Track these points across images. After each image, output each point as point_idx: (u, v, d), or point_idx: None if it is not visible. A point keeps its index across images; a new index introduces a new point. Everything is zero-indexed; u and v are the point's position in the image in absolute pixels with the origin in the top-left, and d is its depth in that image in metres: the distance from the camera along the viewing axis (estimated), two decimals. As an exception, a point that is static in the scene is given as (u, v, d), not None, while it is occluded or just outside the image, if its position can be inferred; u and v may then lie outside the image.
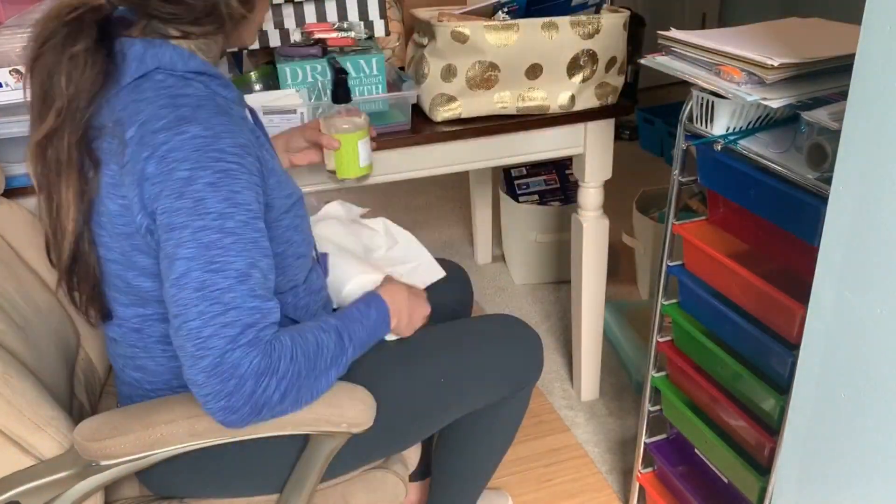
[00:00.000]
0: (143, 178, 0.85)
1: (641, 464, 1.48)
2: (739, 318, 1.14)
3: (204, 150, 0.84)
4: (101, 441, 0.91)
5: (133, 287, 0.94)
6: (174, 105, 0.86)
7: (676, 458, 1.41)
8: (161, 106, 0.86)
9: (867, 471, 0.78)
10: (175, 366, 0.99)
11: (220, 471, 1.04)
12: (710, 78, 1.04)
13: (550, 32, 1.37)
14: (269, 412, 0.87)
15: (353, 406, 0.96)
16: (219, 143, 0.85)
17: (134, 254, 0.91)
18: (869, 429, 0.77)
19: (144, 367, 1.01)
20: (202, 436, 0.92)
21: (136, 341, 0.99)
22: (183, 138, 0.84)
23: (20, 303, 1.07)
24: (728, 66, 1.02)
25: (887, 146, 0.69)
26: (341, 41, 1.44)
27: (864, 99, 0.71)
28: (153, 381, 1.02)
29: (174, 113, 0.85)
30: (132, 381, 1.04)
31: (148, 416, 0.93)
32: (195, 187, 0.83)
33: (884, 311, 0.72)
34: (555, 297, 2.34)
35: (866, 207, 0.72)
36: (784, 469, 0.92)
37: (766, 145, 1.04)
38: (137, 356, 1.01)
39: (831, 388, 0.81)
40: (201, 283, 0.82)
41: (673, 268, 1.28)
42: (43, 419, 0.93)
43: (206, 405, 0.84)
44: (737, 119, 1.07)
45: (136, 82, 0.89)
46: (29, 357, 1.02)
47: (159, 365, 1.00)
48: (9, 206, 1.17)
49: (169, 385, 1.01)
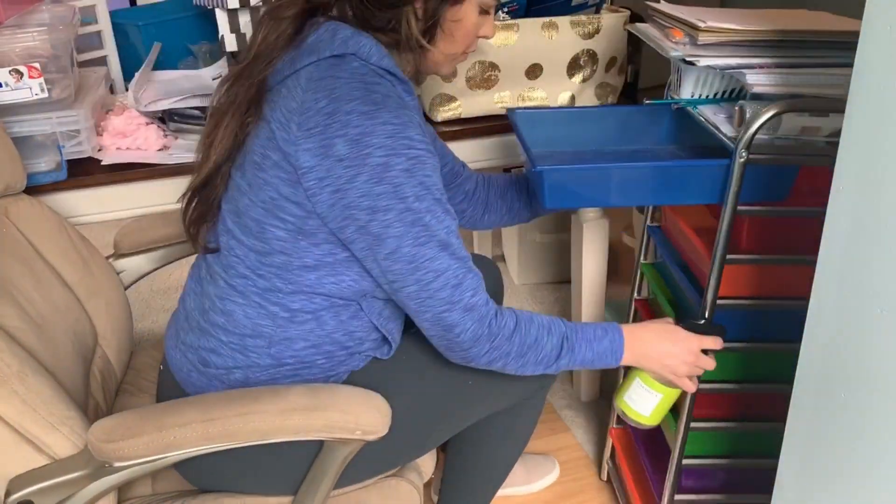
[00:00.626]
0: (329, 154, 0.92)
1: (616, 421, 1.56)
2: (678, 270, 1.23)
3: (396, 137, 0.92)
4: (115, 442, 0.91)
5: (266, 233, 0.98)
6: (367, 90, 0.93)
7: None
8: (355, 87, 0.93)
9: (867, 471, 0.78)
10: (260, 323, 1.02)
11: (234, 469, 1.04)
12: (659, 38, 1.16)
13: (550, 32, 1.37)
14: (476, 365, 1.02)
15: (367, 413, 0.95)
16: (407, 130, 0.93)
17: (286, 204, 0.96)
18: (869, 428, 0.77)
19: (231, 313, 1.03)
20: (216, 439, 0.92)
21: (239, 284, 1.02)
22: (375, 123, 0.91)
23: (38, 300, 1.07)
24: (675, 29, 1.14)
25: (887, 146, 0.69)
26: (341, 41, 1.44)
27: (864, 99, 0.71)
28: (232, 330, 1.03)
29: (367, 97, 0.92)
30: (208, 328, 1.05)
31: (162, 419, 0.93)
32: (392, 174, 0.92)
33: (884, 311, 0.72)
34: (555, 298, 2.34)
35: (866, 207, 0.72)
36: (784, 469, 0.92)
37: (716, 112, 1.12)
38: (231, 297, 1.03)
39: (831, 388, 0.81)
40: (412, 256, 0.94)
41: (651, 227, 1.38)
42: (58, 418, 0.93)
43: (433, 341, 1.01)
44: (701, 86, 1.15)
45: (333, 59, 0.95)
46: (45, 355, 1.01)
47: (247, 317, 1.02)
48: (30, 203, 1.18)
49: (242, 343, 1.03)
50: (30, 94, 1.27)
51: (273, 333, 1.02)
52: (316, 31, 0.98)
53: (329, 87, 0.93)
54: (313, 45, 0.97)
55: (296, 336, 1.02)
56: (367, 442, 0.97)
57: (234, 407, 0.93)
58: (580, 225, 1.66)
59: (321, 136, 0.92)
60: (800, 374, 0.87)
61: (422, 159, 0.94)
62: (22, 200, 1.17)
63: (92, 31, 1.64)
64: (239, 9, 1.43)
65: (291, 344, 1.03)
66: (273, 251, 0.99)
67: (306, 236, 0.97)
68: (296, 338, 1.02)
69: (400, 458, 1.13)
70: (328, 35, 0.97)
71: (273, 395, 0.95)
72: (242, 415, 0.92)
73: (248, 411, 0.93)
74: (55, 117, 1.30)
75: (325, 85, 0.93)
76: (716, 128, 1.07)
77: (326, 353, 1.04)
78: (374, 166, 0.91)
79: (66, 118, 1.31)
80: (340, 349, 1.05)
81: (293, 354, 1.03)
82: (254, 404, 0.94)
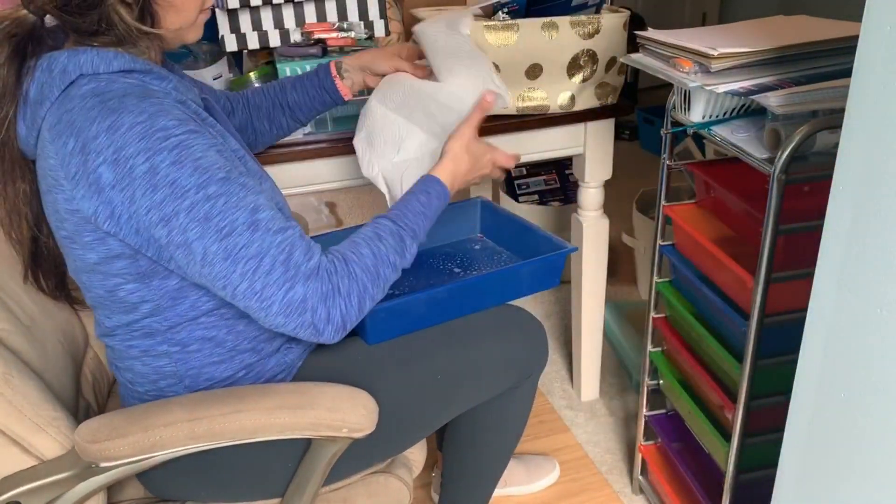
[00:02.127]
0: (101, 187, 0.85)
1: (643, 437, 1.54)
2: (710, 292, 1.22)
3: (148, 135, 0.84)
4: (101, 443, 0.91)
5: (119, 294, 0.94)
6: (101, 101, 0.85)
7: (674, 433, 1.46)
8: (90, 108, 0.85)
9: (867, 471, 0.78)
10: (159, 365, 1.00)
11: (221, 474, 1.03)
12: (667, 69, 1.15)
13: (550, 32, 1.37)
14: (356, 320, 0.94)
15: (354, 411, 0.95)
16: (157, 121, 0.85)
17: (113, 261, 0.91)
18: (869, 429, 0.77)
19: (131, 368, 1.02)
20: (201, 439, 0.92)
21: (122, 344, 1.00)
22: (121, 132, 0.83)
23: (26, 301, 1.07)
24: (681, 58, 1.12)
25: (887, 146, 0.69)
26: (341, 41, 1.44)
27: (864, 99, 0.70)
28: (142, 381, 1.02)
29: (103, 108, 0.84)
30: (125, 383, 1.05)
31: (147, 419, 0.93)
32: (161, 174, 0.84)
33: (884, 311, 0.72)
34: (555, 297, 2.34)
35: (866, 207, 0.72)
36: (784, 469, 0.92)
37: (734, 131, 1.12)
38: (124, 358, 1.02)
39: (831, 388, 0.81)
40: (224, 251, 0.86)
41: (664, 247, 1.36)
42: (44, 419, 0.93)
43: (300, 336, 0.91)
44: (711, 107, 1.14)
45: (64, 93, 0.87)
46: (34, 356, 1.01)
47: (146, 365, 1.01)
48: None
49: (157, 386, 1.02)
50: (30, 94, 1.27)
51: (177, 370, 1.01)
52: (32, 78, 0.89)
53: (67, 124, 0.85)
54: (37, 94, 0.88)
55: (199, 364, 1.01)
56: (353, 440, 0.97)
57: (220, 406, 0.93)
58: (580, 225, 1.66)
59: (85, 176, 0.85)
60: (800, 374, 0.87)
61: (186, 143, 0.85)
62: None
63: (92, 31, 1.64)
64: (239, 9, 1.43)
65: (200, 372, 1.01)
66: (138, 304, 0.95)
67: (152, 276, 0.93)
68: (200, 365, 1.01)
69: (383, 454, 1.12)
70: (45, 75, 0.88)
71: (259, 394, 0.96)
72: (228, 413, 0.92)
73: (234, 410, 0.92)
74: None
75: (64, 125, 0.86)
76: (742, 151, 1.07)
77: (245, 366, 1.03)
78: (142, 175, 0.84)
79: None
80: (253, 356, 1.03)
81: (208, 379, 1.02)
82: (240, 403, 0.94)
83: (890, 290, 0.71)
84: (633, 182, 2.57)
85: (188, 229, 0.85)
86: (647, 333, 1.44)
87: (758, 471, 1.24)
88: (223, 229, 0.85)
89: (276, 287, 0.87)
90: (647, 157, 3.33)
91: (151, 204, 0.85)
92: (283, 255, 0.87)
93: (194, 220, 0.85)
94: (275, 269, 0.87)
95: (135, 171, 0.84)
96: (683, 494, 1.42)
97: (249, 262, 0.86)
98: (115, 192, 0.85)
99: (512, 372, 1.17)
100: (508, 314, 1.20)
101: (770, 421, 1.15)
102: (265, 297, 0.87)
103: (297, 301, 0.88)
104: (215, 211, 0.85)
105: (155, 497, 1.09)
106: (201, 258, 0.86)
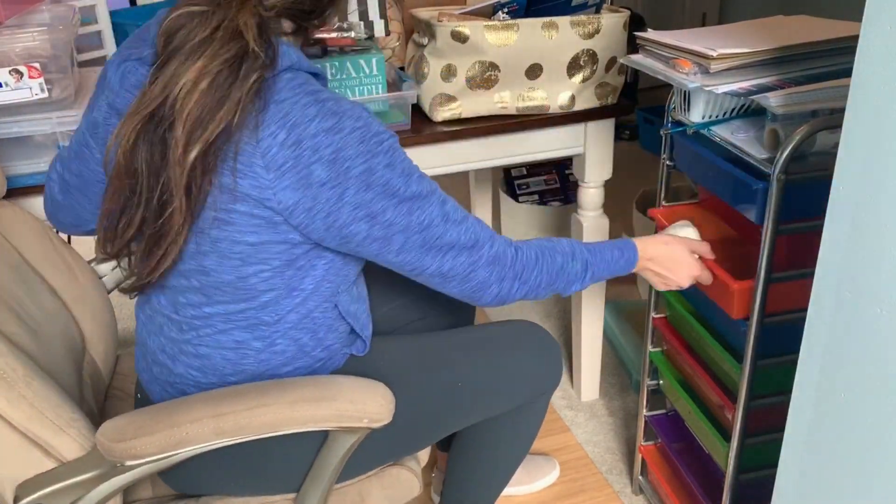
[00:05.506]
0: (311, 183, 0.88)
1: (643, 437, 1.54)
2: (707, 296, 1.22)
3: (366, 139, 0.90)
4: (127, 441, 0.91)
5: (248, 281, 0.95)
6: (316, 101, 0.88)
7: (674, 433, 1.46)
8: (305, 105, 0.88)
9: (867, 470, 0.78)
10: (241, 363, 1.00)
11: (239, 468, 1.04)
12: (667, 70, 1.15)
13: (550, 32, 1.37)
14: (510, 301, 1.06)
15: (373, 401, 0.96)
16: (372, 127, 0.91)
17: (270, 247, 0.93)
18: (869, 429, 0.77)
19: (208, 356, 1.01)
20: (227, 434, 0.92)
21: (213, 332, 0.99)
22: (343, 135, 0.88)
23: (31, 306, 1.06)
24: (681, 59, 1.13)
25: (887, 146, 0.69)
26: (341, 41, 1.44)
27: (864, 99, 0.71)
28: (210, 373, 1.01)
29: (321, 108, 0.88)
30: (183, 372, 1.02)
31: (173, 416, 0.93)
32: (377, 175, 0.90)
33: (884, 311, 0.72)
34: (555, 297, 2.34)
35: (866, 207, 0.72)
36: (784, 469, 0.92)
37: (734, 131, 1.13)
38: (204, 343, 1.00)
39: (831, 388, 0.81)
40: (422, 241, 0.95)
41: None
42: (65, 421, 0.93)
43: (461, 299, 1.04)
44: (711, 108, 1.15)
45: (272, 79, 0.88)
46: (43, 360, 1.01)
47: (226, 359, 1.01)
48: (12, 209, 1.16)
49: (223, 381, 1.02)
50: (30, 94, 1.27)
51: (255, 368, 1.02)
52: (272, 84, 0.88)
53: (279, 115, 0.86)
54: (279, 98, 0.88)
55: (276, 363, 1.02)
56: (371, 430, 0.97)
57: (244, 401, 0.94)
58: (580, 225, 1.66)
59: (295, 170, 0.87)
60: (800, 374, 0.87)
61: (394, 145, 0.93)
62: (4, 207, 1.16)
63: (92, 31, 1.64)
64: (239, 9, 1.43)
65: (273, 361, 1.02)
66: (265, 291, 0.97)
67: (293, 268, 0.96)
68: (276, 364, 1.02)
69: (396, 454, 1.13)
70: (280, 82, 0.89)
71: (280, 389, 0.96)
72: (253, 408, 0.92)
73: (259, 404, 0.93)
74: (55, 117, 1.29)
75: (272, 114, 0.86)
76: (742, 151, 1.07)
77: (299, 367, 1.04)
78: (357, 176, 0.89)
79: (66, 118, 1.30)
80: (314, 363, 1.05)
81: (273, 374, 1.03)
82: (262, 397, 0.94)
83: (890, 290, 0.71)
84: (633, 182, 2.57)
85: (393, 223, 0.93)
86: (647, 333, 1.44)
87: (758, 471, 1.24)
88: (423, 222, 0.95)
89: (462, 270, 0.99)
90: (647, 157, 3.33)
91: (360, 202, 0.90)
92: (470, 241, 0.99)
93: (399, 215, 0.93)
94: (461, 255, 0.98)
95: (351, 172, 0.89)
96: (683, 494, 1.42)
97: (441, 249, 0.97)
98: (325, 189, 0.89)
99: (529, 387, 1.17)
100: (528, 330, 1.21)
101: (770, 421, 1.16)
102: (450, 277, 0.99)
103: (475, 284, 1.01)
104: (415, 206, 0.94)
105: (169, 494, 1.08)
106: (399, 247, 0.95)
